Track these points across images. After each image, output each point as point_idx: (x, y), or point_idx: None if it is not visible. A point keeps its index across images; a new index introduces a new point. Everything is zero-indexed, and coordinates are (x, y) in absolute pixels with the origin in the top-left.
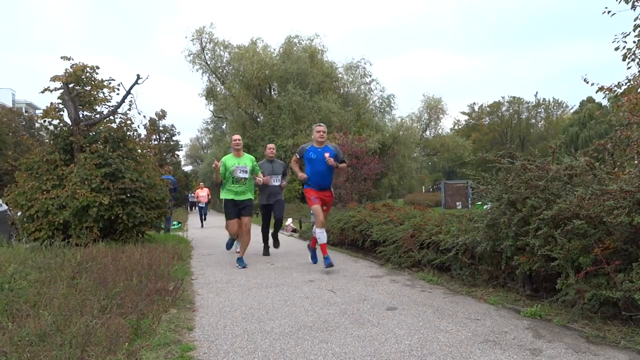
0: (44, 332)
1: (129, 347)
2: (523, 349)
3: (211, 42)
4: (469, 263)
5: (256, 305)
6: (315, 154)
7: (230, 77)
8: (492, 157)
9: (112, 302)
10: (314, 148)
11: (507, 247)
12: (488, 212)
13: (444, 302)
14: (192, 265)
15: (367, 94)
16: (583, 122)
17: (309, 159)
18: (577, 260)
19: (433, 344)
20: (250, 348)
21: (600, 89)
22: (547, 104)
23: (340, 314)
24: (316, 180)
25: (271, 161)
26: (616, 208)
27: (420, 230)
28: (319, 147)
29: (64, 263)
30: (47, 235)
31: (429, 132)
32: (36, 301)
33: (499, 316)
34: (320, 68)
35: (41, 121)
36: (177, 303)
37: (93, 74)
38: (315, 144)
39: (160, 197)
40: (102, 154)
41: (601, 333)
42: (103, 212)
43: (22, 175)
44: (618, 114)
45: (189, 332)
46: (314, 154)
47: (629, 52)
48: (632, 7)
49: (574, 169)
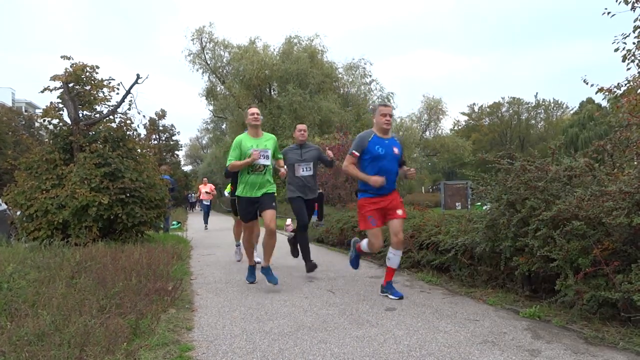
0: (42, 331)
1: (128, 347)
2: (522, 349)
3: (211, 42)
4: (468, 264)
5: (255, 305)
6: (384, 148)
7: (230, 77)
8: (491, 158)
9: (111, 302)
10: (379, 139)
11: (506, 248)
12: (487, 212)
13: (443, 302)
14: (191, 265)
15: (367, 94)
16: (583, 123)
17: (374, 156)
18: (576, 261)
19: (432, 345)
20: (249, 348)
21: (600, 90)
22: (547, 105)
23: (339, 314)
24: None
25: (300, 146)
26: (615, 209)
27: (420, 230)
28: (385, 137)
29: (63, 262)
30: (47, 235)
31: (429, 132)
32: (35, 301)
33: (498, 317)
34: (320, 68)
35: (41, 120)
36: (176, 303)
37: (93, 74)
38: (380, 133)
39: (160, 197)
40: (102, 154)
41: (600, 334)
42: (102, 211)
43: (21, 175)
44: (617, 115)
45: (188, 332)
46: (382, 149)
47: (628, 53)
48: (632, 8)
49: (574, 170)
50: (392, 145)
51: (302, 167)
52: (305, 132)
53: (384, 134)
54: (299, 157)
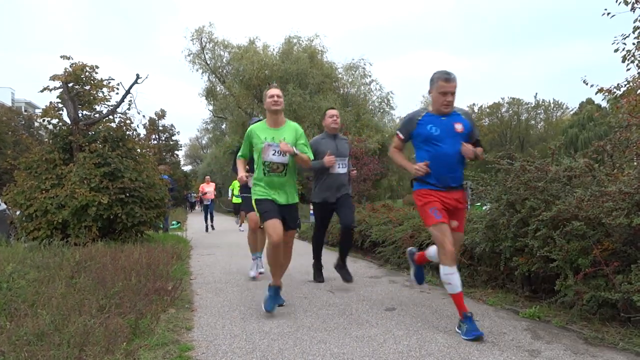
0: (42, 331)
1: (127, 347)
2: (521, 350)
3: (211, 42)
4: (468, 264)
5: (255, 305)
6: (439, 128)
7: (230, 77)
8: (491, 158)
9: (110, 302)
10: (433, 117)
11: (506, 248)
12: (487, 213)
13: (443, 302)
14: (191, 265)
15: (367, 95)
16: (582, 124)
17: (428, 137)
18: (576, 261)
19: (432, 345)
20: (248, 348)
21: (600, 90)
22: (547, 105)
23: (339, 314)
24: (441, 172)
25: (334, 136)
26: (615, 209)
27: (420, 230)
28: (443, 114)
29: (63, 262)
30: (46, 235)
31: None
32: (34, 300)
33: (498, 317)
34: (320, 68)
35: (40, 120)
36: (175, 303)
37: (92, 74)
38: (436, 111)
39: (160, 197)
40: (102, 154)
41: (600, 334)
42: (102, 211)
43: (21, 175)
44: (617, 115)
45: (188, 332)
46: (435, 128)
47: (628, 53)
48: (632, 9)
49: (573, 170)
50: (452, 122)
51: (338, 163)
52: (338, 118)
53: (441, 111)
54: (334, 150)
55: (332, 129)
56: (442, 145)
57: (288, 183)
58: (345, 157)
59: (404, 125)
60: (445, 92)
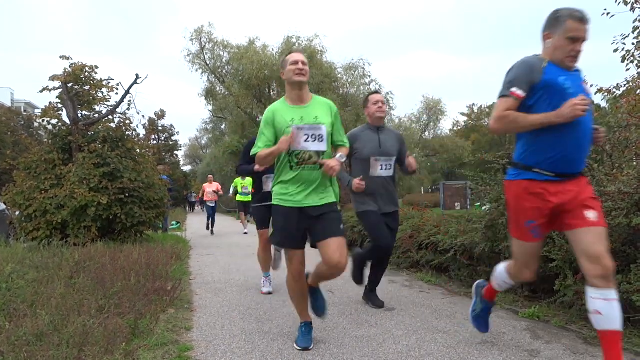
0: (41, 331)
1: (127, 347)
2: (521, 350)
3: (210, 42)
4: (467, 264)
5: (254, 305)
6: (572, 84)
7: (230, 77)
8: (491, 158)
9: (110, 302)
10: (559, 69)
11: (506, 248)
12: (487, 213)
13: (443, 303)
14: (190, 265)
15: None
16: None
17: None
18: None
19: (431, 345)
20: (248, 348)
21: (599, 90)
22: None
23: (338, 314)
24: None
25: (378, 128)
26: (614, 209)
27: (419, 231)
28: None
29: (62, 263)
30: (45, 235)
31: (428, 132)
32: (34, 301)
33: (497, 317)
34: (320, 68)
35: (40, 120)
36: (175, 303)
37: (92, 74)
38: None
39: (159, 197)
40: (101, 154)
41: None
42: (101, 211)
43: (20, 175)
44: (617, 115)
45: (187, 332)
46: (569, 83)
47: (627, 54)
48: (631, 9)
49: None
50: (581, 81)
51: (380, 164)
52: (384, 105)
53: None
54: (376, 146)
55: (378, 119)
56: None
57: (324, 178)
58: (393, 157)
59: (523, 75)
60: (576, 38)
